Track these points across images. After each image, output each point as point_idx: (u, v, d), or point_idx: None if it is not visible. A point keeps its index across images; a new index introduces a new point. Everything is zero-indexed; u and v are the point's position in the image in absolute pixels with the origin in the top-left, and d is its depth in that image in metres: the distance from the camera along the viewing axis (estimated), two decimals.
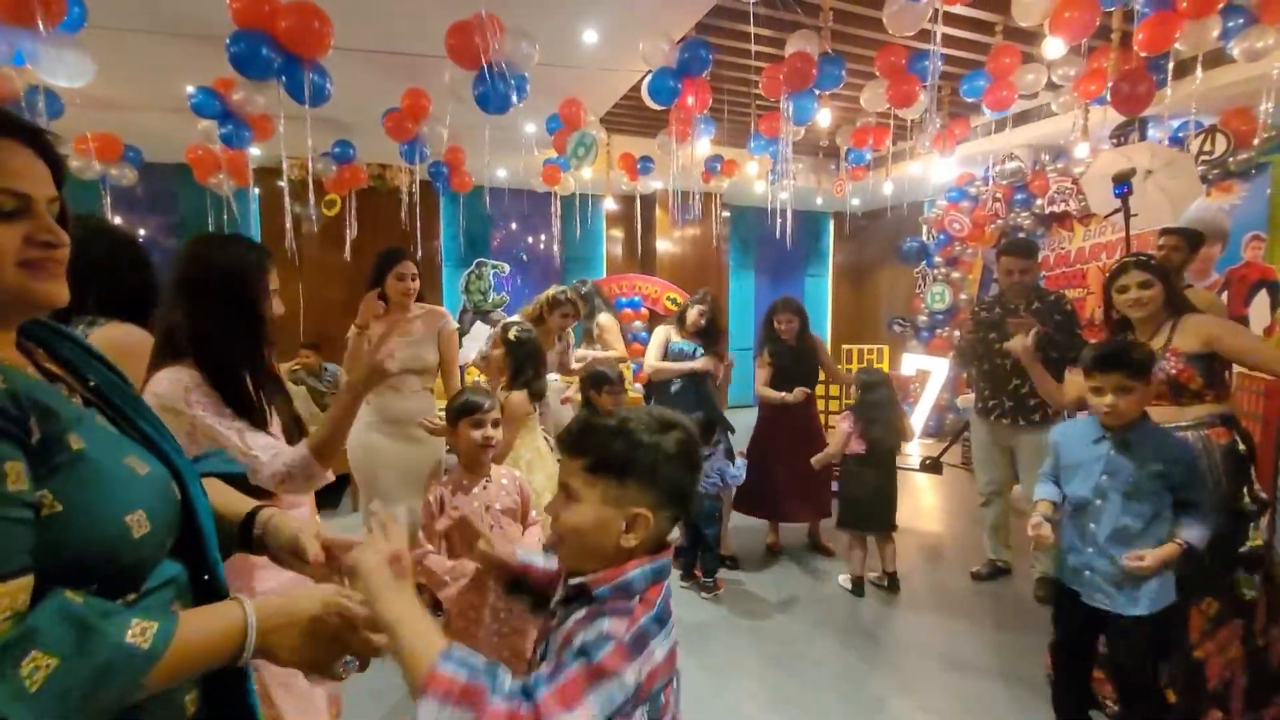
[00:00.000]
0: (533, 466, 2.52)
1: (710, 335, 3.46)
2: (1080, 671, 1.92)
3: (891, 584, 3.15)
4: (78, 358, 0.75)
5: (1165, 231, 3.02)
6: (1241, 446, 1.97)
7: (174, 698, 0.70)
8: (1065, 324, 2.95)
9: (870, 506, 3.12)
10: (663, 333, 3.52)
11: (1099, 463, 1.77)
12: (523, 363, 2.53)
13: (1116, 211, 2.83)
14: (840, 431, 3.14)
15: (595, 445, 0.84)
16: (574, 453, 0.86)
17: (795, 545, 3.73)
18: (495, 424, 1.90)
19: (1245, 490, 1.94)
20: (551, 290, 3.19)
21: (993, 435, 3.18)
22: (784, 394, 3.37)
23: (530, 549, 1.15)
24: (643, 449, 0.83)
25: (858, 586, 3.13)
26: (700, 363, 3.37)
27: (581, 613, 0.80)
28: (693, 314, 3.45)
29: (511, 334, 2.56)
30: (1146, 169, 3.00)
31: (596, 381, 2.80)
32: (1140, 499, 1.70)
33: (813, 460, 3.21)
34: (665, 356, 3.46)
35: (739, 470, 3.14)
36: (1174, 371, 1.98)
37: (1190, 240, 2.98)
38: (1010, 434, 3.08)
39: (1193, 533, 1.65)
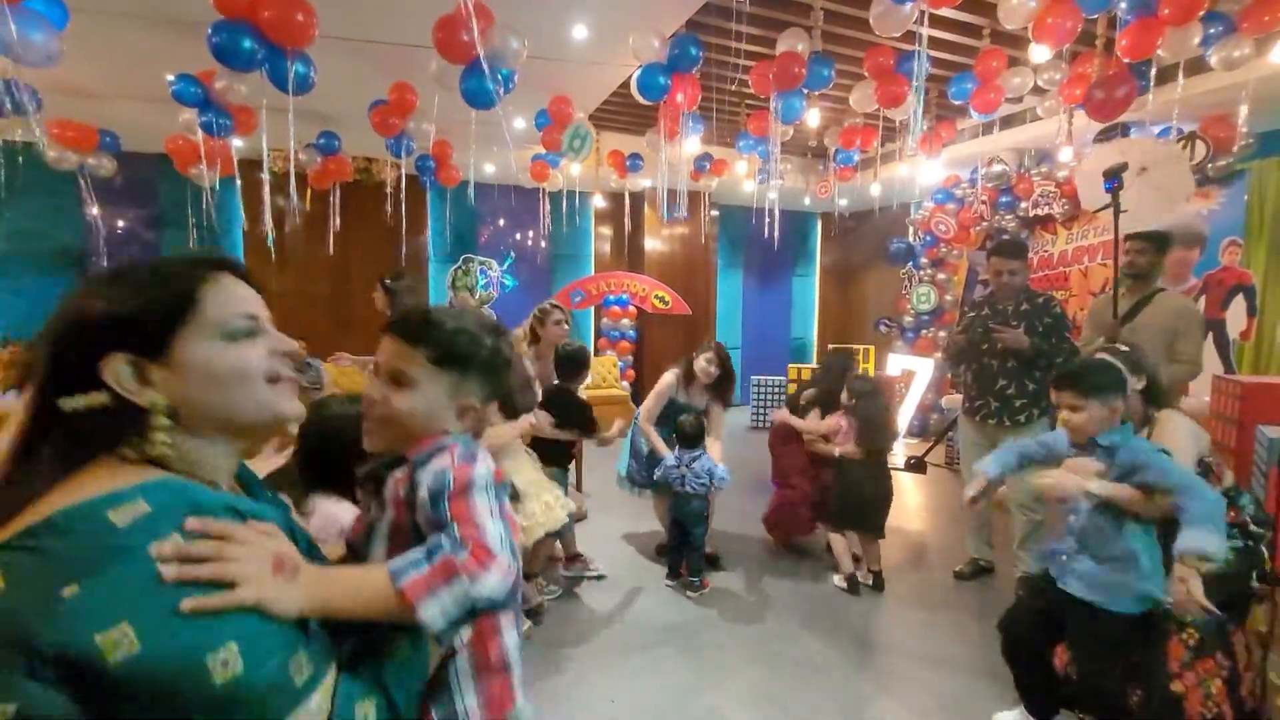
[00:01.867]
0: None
1: (722, 386, 3.33)
2: (1035, 652, 1.96)
3: (877, 582, 3.18)
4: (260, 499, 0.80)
5: (1131, 236, 3.06)
6: (1249, 524, 1.91)
7: None
8: (1054, 326, 2.98)
9: (869, 508, 3.18)
10: (667, 386, 3.30)
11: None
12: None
13: (1106, 207, 2.85)
14: (832, 423, 3.24)
15: (440, 339, 0.88)
16: (414, 342, 0.88)
17: (780, 547, 3.74)
18: None
19: (1254, 574, 1.87)
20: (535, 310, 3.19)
21: (979, 435, 3.20)
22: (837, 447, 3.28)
23: None
24: (485, 349, 0.90)
25: (853, 585, 3.16)
26: (669, 457, 3.15)
27: (400, 472, 0.85)
28: (700, 363, 3.24)
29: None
30: (1141, 165, 2.98)
31: None
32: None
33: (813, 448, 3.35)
34: (661, 408, 3.30)
35: (726, 472, 3.15)
36: None
37: (1158, 243, 3.02)
38: (997, 434, 3.10)
39: (1193, 541, 1.53)
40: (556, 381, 3.13)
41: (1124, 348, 2.04)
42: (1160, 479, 1.66)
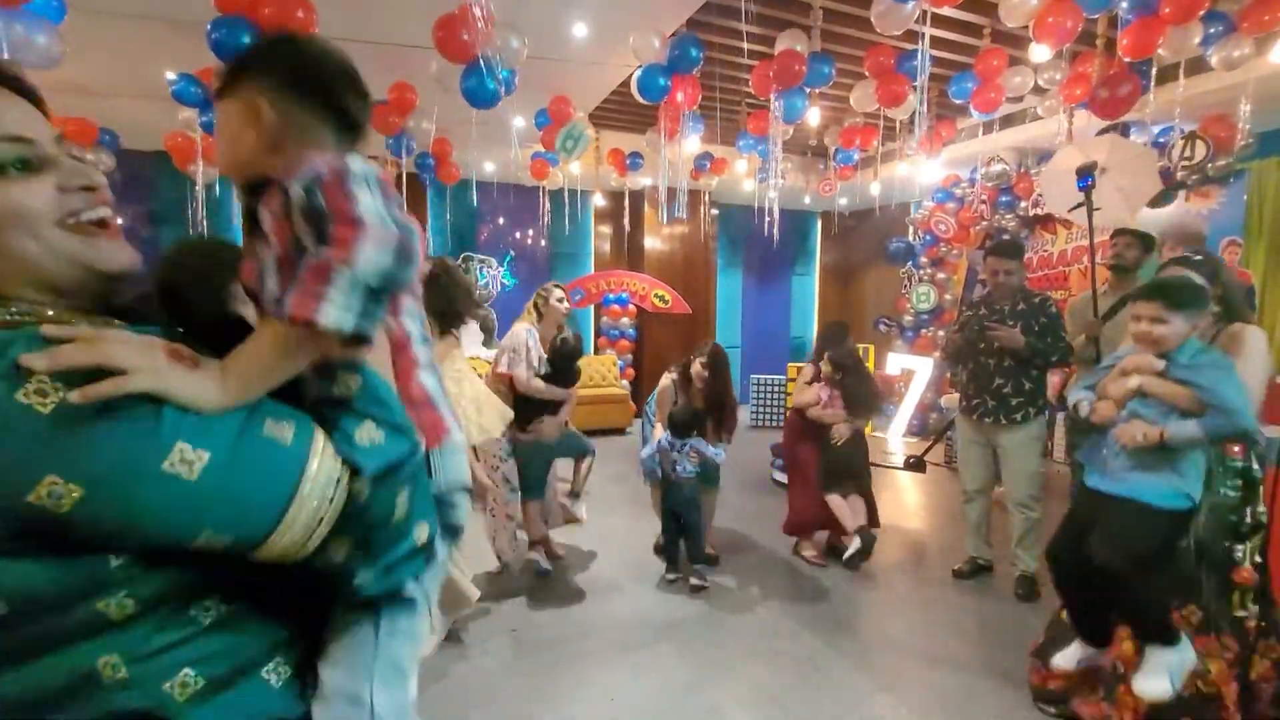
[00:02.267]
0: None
1: (718, 408, 3.35)
2: (1084, 573, 1.92)
3: (864, 541, 3.33)
4: None
5: (1119, 232, 3.12)
6: (1255, 467, 1.94)
7: None
8: (1050, 326, 2.99)
9: (849, 465, 3.41)
10: (665, 390, 3.38)
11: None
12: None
13: (1078, 206, 2.90)
14: (813, 394, 3.45)
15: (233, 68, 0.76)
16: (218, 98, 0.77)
17: (777, 544, 3.75)
18: None
19: (1249, 510, 1.91)
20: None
21: (977, 434, 3.22)
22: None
23: None
24: (262, 47, 0.75)
25: (865, 538, 3.30)
26: (662, 439, 3.21)
27: (269, 194, 0.70)
28: (696, 367, 3.31)
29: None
30: (1102, 166, 3.04)
31: None
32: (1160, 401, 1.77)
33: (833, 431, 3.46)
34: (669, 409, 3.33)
35: (720, 450, 3.18)
36: None
37: (1144, 239, 3.07)
38: (994, 432, 3.12)
39: (1181, 428, 1.69)
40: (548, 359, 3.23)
41: (1198, 256, 2.00)
42: (1209, 397, 1.70)
